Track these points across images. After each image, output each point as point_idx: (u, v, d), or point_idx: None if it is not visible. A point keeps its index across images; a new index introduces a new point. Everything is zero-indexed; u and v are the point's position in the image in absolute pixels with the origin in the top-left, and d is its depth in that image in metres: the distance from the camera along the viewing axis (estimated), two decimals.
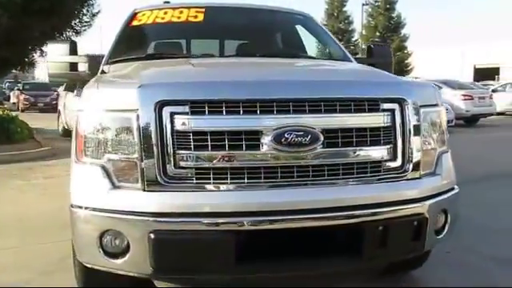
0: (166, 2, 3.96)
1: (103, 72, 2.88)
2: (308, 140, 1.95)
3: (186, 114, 1.95)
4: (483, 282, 2.86)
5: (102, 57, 3.41)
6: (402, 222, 2.05)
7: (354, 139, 2.04)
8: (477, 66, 39.40)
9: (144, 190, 1.95)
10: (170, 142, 1.94)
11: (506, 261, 3.20)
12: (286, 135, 1.94)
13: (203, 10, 3.63)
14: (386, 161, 2.10)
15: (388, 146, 2.10)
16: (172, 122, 1.94)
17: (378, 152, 2.08)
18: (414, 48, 40.56)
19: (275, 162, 1.96)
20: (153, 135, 1.94)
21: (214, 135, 1.94)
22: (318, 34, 3.87)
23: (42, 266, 3.15)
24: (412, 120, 2.13)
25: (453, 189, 2.31)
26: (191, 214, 1.91)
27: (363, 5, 41.48)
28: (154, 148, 1.94)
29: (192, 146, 1.94)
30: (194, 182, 1.95)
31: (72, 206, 2.10)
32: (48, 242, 3.60)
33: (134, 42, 3.50)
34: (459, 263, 3.12)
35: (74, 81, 3.67)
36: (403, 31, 40.62)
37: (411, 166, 2.13)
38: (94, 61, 3.39)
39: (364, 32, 41.70)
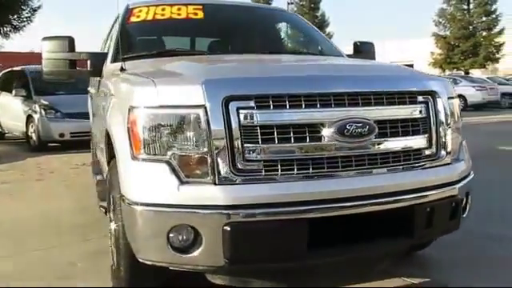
0: None
1: (122, 69, 2.82)
2: (366, 131, 2.10)
3: (252, 108, 2.02)
4: None
5: (105, 54, 3.32)
6: (443, 203, 2.25)
7: (400, 129, 2.21)
8: (393, 62, 41.84)
9: (216, 184, 1.98)
10: (237, 135, 1.99)
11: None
12: (347, 127, 2.07)
13: (201, 7, 3.65)
14: (424, 148, 2.30)
15: (426, 135, 2.30)
16: (238, 117, 2.00)
17: (418, 140, 2.28)
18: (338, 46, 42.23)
19: (336, 152, 2.08)
20: (222, 130, 1.98)
21: (279, 128, 2.03)
22: (309, 30, 4.05)
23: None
24: (441, 110, 2.34)
25: (471, 173, 2.57)
26: (263, 205, 1.98)
27: (288, 4, 42.46)
28: (224, 142, 1.98)
29: (259, 140, 2.01)
30: (263, 173, 2.02)
31: (130, 203, 2.08)
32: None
33: (140, 38, 3.43)
34: None
35: (71, 78, 3.51)
36: (328, 30, 41.99)
37: (444, 152, 2.35)
38: (97, 58, 3.29)
39: None
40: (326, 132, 2.06)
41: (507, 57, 31.62)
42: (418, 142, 2.28)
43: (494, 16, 31.71)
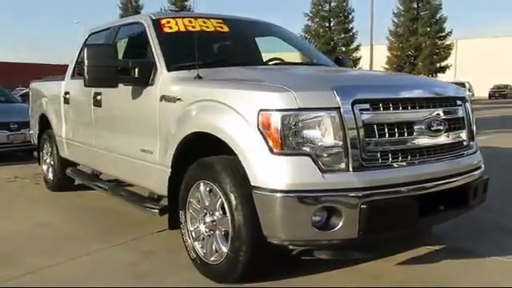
0: (176, 11, 4.13)
1: (199, 77, 3.08)
2: (442, 127, 2.75)
3: (368, 110, 2.54)
4: None
5: (151, 63, 3.47)
6: (480, 180, 3.00)
7: (454, 125, 2.92)
8: None
9: (352, 171, 2.45)
10: (362, 132, 2.49)
11: None
12: (432, 124, 2.70)
13: (221, 20, 4.00)
14: (464, 140, 3.03)
15: (464, 130, 3.03)
16: (361, 116, 2.50)
17: (462, 134, 3.00)
18: None
19: (425, 143, 2.70)
20: (353, 127, 2.46)
21: (387, 125, 2.58)
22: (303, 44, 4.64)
23: None
24: (469, 111, 3.11)
25: None
26: (385, 186, 2.50)
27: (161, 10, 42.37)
28: (354, 137, 2.46)
29: (376, 134, 2.54)
30: (379, 162, 2.55)
31: (271, 192, 2.43)
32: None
33: (184, 48, 3.63)
34: None
35: (115, 86, 3.51)
36: None
37: (473, 143, 3.11)
38: (145, 66, 3.43)
39: None
40: (419, 128, 2.67)
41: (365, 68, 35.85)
42: (462, 135, 3.00)
43: (351, 33, 35.70)
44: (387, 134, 2.57)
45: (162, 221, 4.00)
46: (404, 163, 2.62)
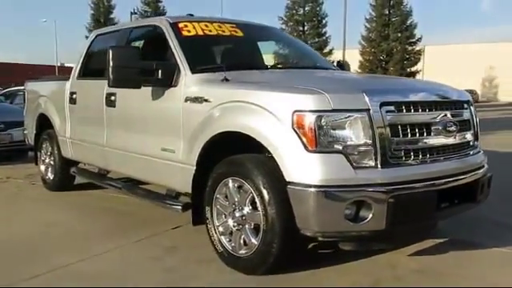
0: (189, 15, 4.27)
1: (226, 79, 3.23)
2: (455, 127, 3.00)
3: (393, 111, 2.76)
4: None
5: (174, 65, 3.59)
6: (486, 177, 3.27)
7: (464, 126, 3.18)
8: None
9: (381, 167, 2.66)
10: (388, 131, 2.71)
11: None
12: (447, 124, 2.95)
13: (234, 25, 4.17)
14: (471, 141, 3.29)
15: (471, 131, 3.30)
16: (387, 117, 2.72)
17: (469, 135, 3.26)
18: None
19: (440, 143, 2.95)
20: (381, 127, 2.68)
21: (409, 126, 2.81)
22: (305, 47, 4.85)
23: None
24: (474, 114, 3.38)
25: None
26: (410, 182, 2.73)
27: (132, 13, 41.96)
28: (382, 136, 2.68)
29: (400, 134, 2.76)
30: (403, 159, 2.77)
31: (305, 187, 2.62)
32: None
33: (205, 51, 3.77)
34: None
35: (138, 87, 3.61)
36: None
37: (478, 143, 3.38)
38: (168, 68, 3.56)
39: None
40: (436, 129, 2.91)
41: None
42: (469, 135, 3.26)
43: (324, 38, 36.31)
44: (409, 134, 2.80)
45: (171, 219, 4.18)
46: (424, 161, 2.85)
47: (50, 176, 5.76)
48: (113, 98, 4.23)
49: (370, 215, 2.63)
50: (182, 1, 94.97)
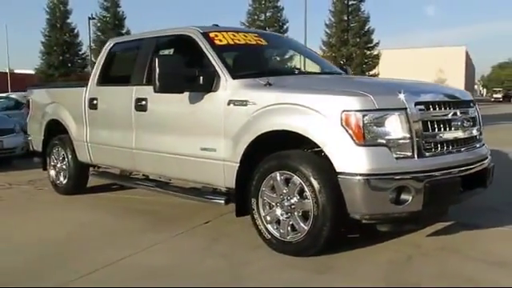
0: (215, 25, 4.62)
1: (269, 84, 3.62)
2: (468, 124, 3.53)
3: (424, 110, 3.25)
4: None
5: (214, 71, 3.94)
6: (491, 166, 3.81)
7: (473, 122, 3.70)
8: None
9: (417, 157, 3.13)
10: (421, 126, 3.19)
11: None
12: (464, 121, 3.46)
13: (257, 34, 4.57)
14: (477, 135, 3.82)
15: (477, 126, 3.83)
16: (420, 114, 3.20)
17: (476, 130, 3.79)
18: None
19: (459, 136, 3.46)
20: (416, 123, 3.15)
21: (437, 122, 3.30)
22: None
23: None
24: (478, 111, 3.92)
25: None
26: (438, 169, 3.21)
27: (90, 18, 41.31)
28: (418, 131, 3.15)
29: (429, 128, 3.25)
30: (433, 150, 3.25)
31: (354, 175, 3.06)
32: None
33: (239, 58, 4.11)
34: None
35: (181, 92, 3.90)
36: None
37: (482, 137, 3.92)
38: (209, 75, 3.90)
39: (94, 46, 41.45)
40: (455, 124, 3.42)
41: None
42: (476, 130, 3.79)
43: None
44: (436, 129, 3.29)
45: (196, 215, 4.54)
46: (448, 151, 3.35)
47: (63, 180, 5.92)
48: (143, 102, 4.51)
49: (410, 198, 3.08)
50: (142, 6, 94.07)
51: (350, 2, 33.90)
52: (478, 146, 3.77)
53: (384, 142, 3.10)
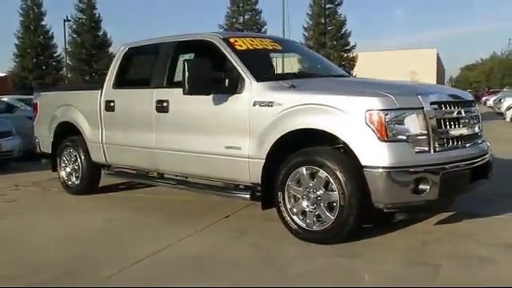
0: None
1: (293, 86, 3.93)
2: (472, 121, 3.92)
3: (437, 109, 3.61)
4: None
5: (237, 75, 4.22)
6: (491, 159, 4.21)
7: (477, 120, 4.10)
8: None
9: (433, 152, 3.49)
10: (436, 123, 3.56)
11: None
12: (470, 118, 3.85)
13: (272, 40, 4.88)
14: (479, 132, 4.21)
15: (479, 124, 4.22)
16: (434, 113, 3.57)
17: (478, 127, 4.18)
18: None
19: (467, 132, 3.84)
20: (432, 120, 3.52)
21: (448, 120, 3.67)
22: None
23: None
24: (478, 110, 4.31)
25: None
26: (450, 162, 3.58)
27: (65, 20, 40.81)
28: (433, 128, 3.51)
29: (442, 125, 3.62)
30: (445, 145, 3.62)
31: (378, 168, 3.39)
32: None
33: (261, 63, 4.40)
34: None
35: (209, 94, 4.18)
36: (110, 49, 41.74)
37: (483, 134, 4.32)
38: (234, 78, 4.18)
39: (70, 48, 40.98)
40: (463, 122, 3.80)
41: None
42: (478, 128, 4.18)
43: None
44: (448, 126, 3.66)
45: (214, 211, 4.80)
46: (459, 146, 3.72)
47: (75, 181, 6.08)
48: (164, 104, 4.75)
49: (428, 188, 3.44)
50: (119, 9, 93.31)
51: (327, 6, 34.51)
52: (479, 141, 4.16)
53: (404, 138, 3.45)
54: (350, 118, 3.53)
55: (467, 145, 3.87)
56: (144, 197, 5.83)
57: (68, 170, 6.17)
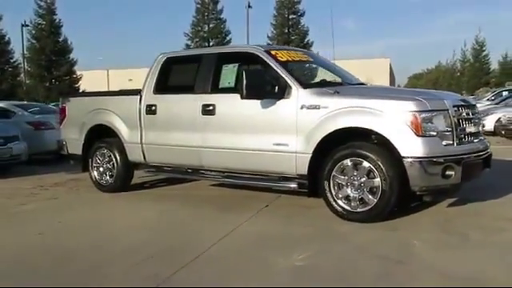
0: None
1: (337, 92, 4.71)
2: (477, 121, 4.84)
3: (457, 111, 4.51)
4: None
5: (286, 81, 4.95)
6: (491, 153, 5.15)
7: (478, 120, 5.03)
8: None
9: (456, 145, 4.37)
10: (456, 122, 4.44)
11: None
12: (476, 118, 4.77)
13: (301, 52, 5.67)
14: (480, 130, 5.15)
15: (481, 124, 5.16)
16: (455, 114, 4.45)
17: (479, 126, 5.11)
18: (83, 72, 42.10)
19: (475, 130, 4.75)
20: (455, 119, 4.40)
21: (464, 119, 4.57)
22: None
23: None
24: (478, 112, 5.25)
25: None
26: (467, 153, 4.47)
27: (23, 25, 40.00)
28: (455, 125, 4.39)
29: (460, 124, 4.51)
30: (463, 140, 4.51)
31: (416, 159, 4.23)
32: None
33: (300, 72, 5.13)
34: None
35: (260, 98, 4.89)
36: (71, 55, 41.19)
37: (482, 131, 5.27)
38: (282, 84, 4.91)
39: (28, 54, 40.12)
40: (473, 121, 4.71)
41: None
42: (479, 126, 5.12)
43: None
44: (464, 124, 4.56)
45: (250, 203, 5.43)
46: (471, 141, 4.63)
47: (109, 179, 6.56)
48: (211, 108, 5.41)
49: (453, 174, 4.30)
50: (80, 13, 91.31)
51: (291, 16, 35.87)
52: (482, 138, 5.09)
53: (435, 133, 4.30)
54: (391, 118, 4.34)
55: (475, 140, 4.77)
56: (179, 193, 6.41)
57: (101, 169, 6.64)
